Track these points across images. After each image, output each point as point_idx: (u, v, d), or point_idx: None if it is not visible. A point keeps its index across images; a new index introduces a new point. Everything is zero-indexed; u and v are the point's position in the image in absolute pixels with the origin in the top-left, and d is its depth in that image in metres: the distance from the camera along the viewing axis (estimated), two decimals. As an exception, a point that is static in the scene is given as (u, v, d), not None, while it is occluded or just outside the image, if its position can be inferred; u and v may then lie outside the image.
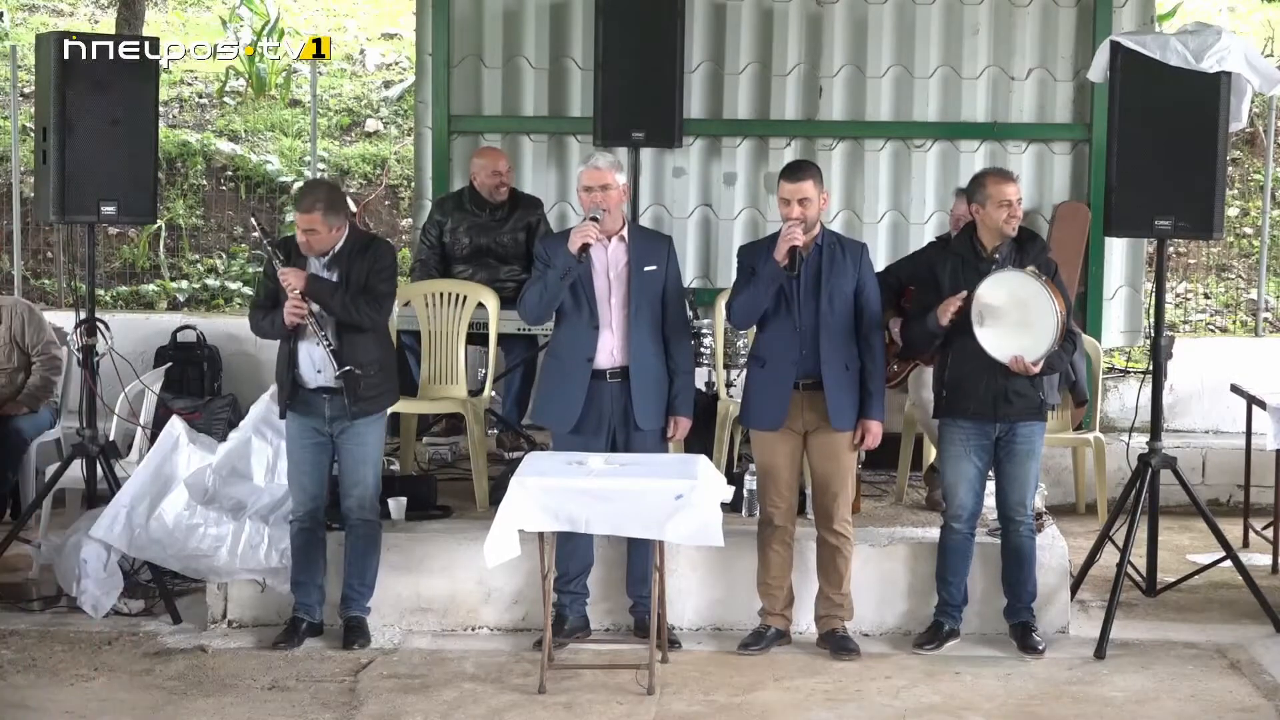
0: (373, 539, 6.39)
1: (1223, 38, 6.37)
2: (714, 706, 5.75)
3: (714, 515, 5.70)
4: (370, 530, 6.37)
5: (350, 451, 6.28)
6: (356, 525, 6.35)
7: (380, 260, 6.29)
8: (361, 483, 6.31)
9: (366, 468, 6.32)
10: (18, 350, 7.99)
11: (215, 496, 6.73)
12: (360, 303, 6.18)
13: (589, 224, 6.05)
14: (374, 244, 6.44)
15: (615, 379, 6.18)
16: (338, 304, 6.16)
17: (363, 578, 6.38)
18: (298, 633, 6.34)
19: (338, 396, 6.20)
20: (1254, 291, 10.67)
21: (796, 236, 6.02)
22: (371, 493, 6.34)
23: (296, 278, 6.13)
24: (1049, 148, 9.00)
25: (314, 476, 6.33)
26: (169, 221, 11.36)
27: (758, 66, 9.02)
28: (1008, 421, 6.19)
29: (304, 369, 6.24)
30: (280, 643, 6.29)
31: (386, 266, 6.31)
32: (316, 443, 6.29)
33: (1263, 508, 8.12)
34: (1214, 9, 13.96)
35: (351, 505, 6.33)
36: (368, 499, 6.33)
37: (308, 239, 6.18)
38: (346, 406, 6.18)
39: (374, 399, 6.27)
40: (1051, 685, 5.99)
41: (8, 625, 6.57)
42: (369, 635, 6.35)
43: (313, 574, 6.38)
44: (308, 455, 6.30)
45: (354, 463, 6.30)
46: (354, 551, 6.38)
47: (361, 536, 6.36)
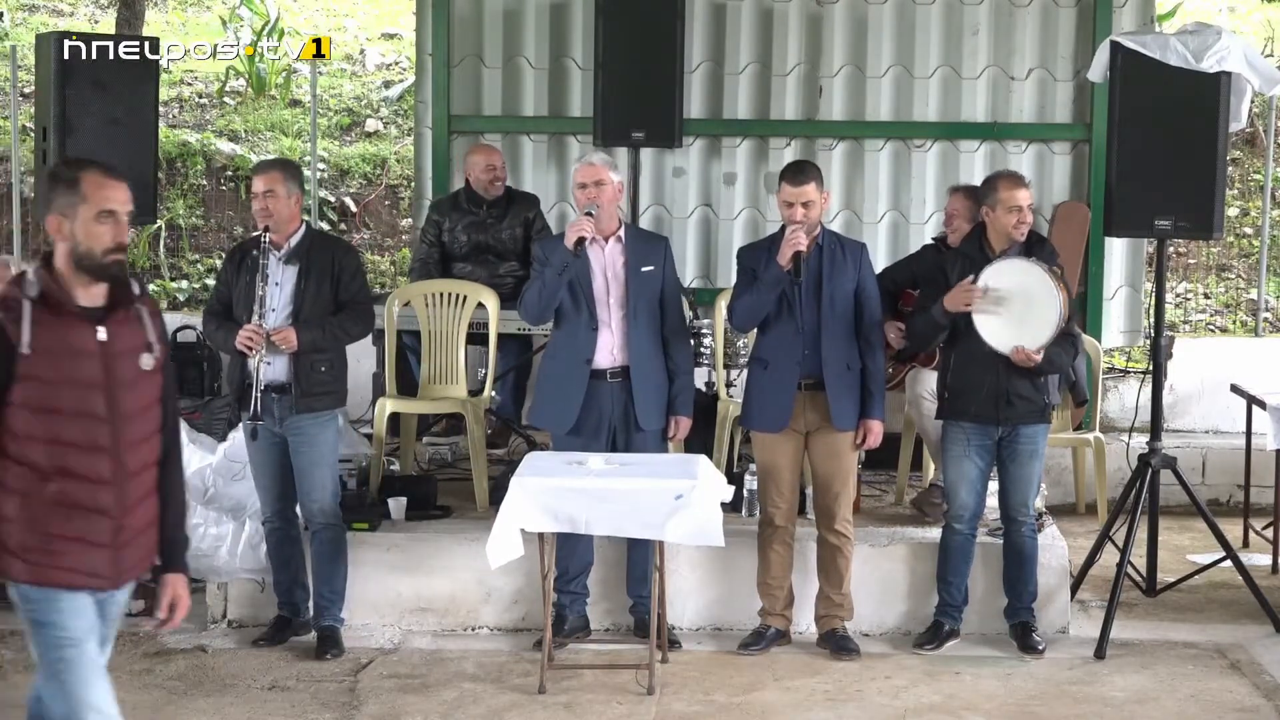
0: (338, 543, 6.32)
1: (1223, 38, 6.38)
2: (714, 706, 5.75)
3: (714, 515, 5.70)
4: (334, 534, 6.30)
5: (303, 454, 6.19)
6: (319, 531, 6.27)
7: (347, 269, 6.20)
8: (319, 487, 6.22)
9: (322, 470, 6.23)
10: None
11: (215, 496, 6.73)
12: (346, 322, 6.15)
13: (584, 219, 6.06)
14: (336, 246, 6.38)
15: (615, 379, 6.18)
16: (329, 339, 6.13)
17: (331, 584, 6.32)
18: (281, 630, 6.35)
19: (286, 395, 6.12)
20: (1254, 291, 10.67)
21: (800, 241, 6.01)
22: (330, 497, 6.26)
23: (289, 337, 6.03)
24: (1049, 148, 9.00)
25: (275, 475, 6.27)
26: (169, 221, 11.36)
27: (758, 66, 9.02)
28: (1011, 424, 6.19)
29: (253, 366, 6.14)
30: (261, 640, 6.29)
31: (355, 274, 6.24)
32: (272, 443, 6.22)
33: (1263, 508, 8.12)
34: (1214, 9, 13.96)
35: (312, 511, 6.25)
36: (328, 504, 6.25)
37: (266, 203, 6.07)
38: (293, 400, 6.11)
39: (321, 396, 6.18)
40: (1051, 685, 5.99)
41: (8, 625, 6.55)
42: (342, 646, 6.27)
43: (292, 572, 6.36)
44: (265, 455, 6.25)
45: (308, 466, 6.20)
46: (320, 559, 6.31)
47: (326, 542, 6.29)
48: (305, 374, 6.12)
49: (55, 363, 3.77)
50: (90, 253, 3.80)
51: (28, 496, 3.78)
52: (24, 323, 3.74)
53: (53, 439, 3.78)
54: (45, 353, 3.76)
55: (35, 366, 3.75)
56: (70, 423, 3.79)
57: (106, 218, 3.81)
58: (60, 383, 3.77)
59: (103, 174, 3.86)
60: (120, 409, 3.85)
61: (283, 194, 6.10)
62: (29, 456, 3.77)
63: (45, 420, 3.77)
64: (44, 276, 3.81)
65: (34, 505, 3.79)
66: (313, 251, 6.18)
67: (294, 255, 6.15)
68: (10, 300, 3.78)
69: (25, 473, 3.78)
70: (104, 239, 3.81)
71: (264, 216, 6.11)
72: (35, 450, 3.77)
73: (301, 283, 6.12)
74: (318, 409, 6.19)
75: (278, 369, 6.12)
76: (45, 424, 3.77)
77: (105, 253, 3.82)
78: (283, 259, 6.14)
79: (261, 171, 6.19)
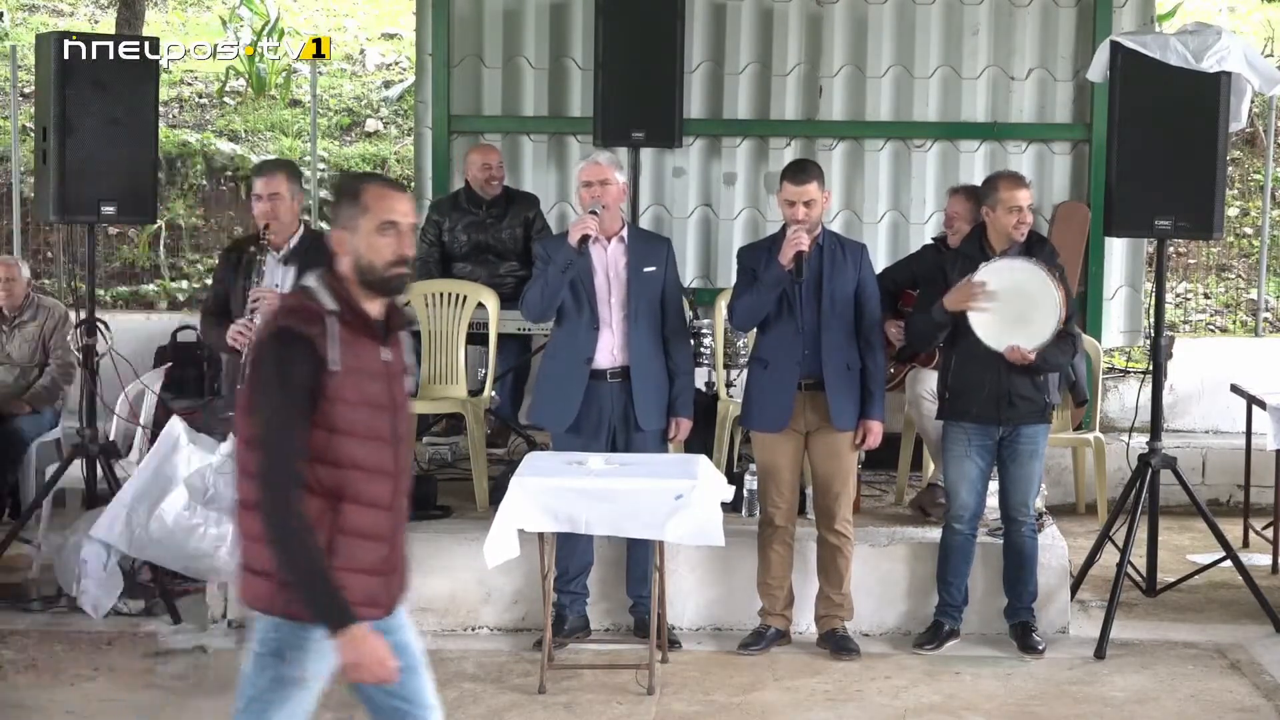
0: None
1: (1223, 38, 6.38)
2: (714, 706, 5.75)
3: (714, 515, 5.70)
4: None
5: None
6: None
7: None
8: None
9: None
10: (42, 350, 8.03)
11: (215, 496, 6.72)
12: None
13: (589, 216, 6.06)
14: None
15: (616, 379, 6.18)
16: None
17: None
18: None
19: None
20: (1254, 291, 10.67)
21: (802, 242, 6.01)
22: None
23: (271, 299, 5.95)
24: (1049, 148, 9.00)
25: None
26: (169, 221, 11.36)
27: (758, 66, 9.02)
28: (1011, 424, 6.19)
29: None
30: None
31: None
32: None
33: (1263, 508, 8.12)
34: (1214, 9, 13.97)
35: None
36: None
37: (272, 205, 6.08)
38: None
39: None
40: (1051, 685, 5.99)
41: (8, 625, 6.57)
42: None
43: None
44: None
45: None
46: None
47: None
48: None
49: (357, 383, 3.57)
50: (372, 266, 3.63)
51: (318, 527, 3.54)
52: (332, 339, 3.54)
53: (346, 463, 3.57)
54: (349, 372, 3.56)
55: (340, 387, 3.54)
56: (362, 446, 3.59)
57: (388, 229, 3.65)
58: (359, 404, 3.57)
59: (384, 185, 3.72)
60: (399, 431, 3.69)
61: (287, 196, 6.12)
62: (322, 481, 3.55)
63: (340, 443, 3.55)
64: (338, 290, 3.61)
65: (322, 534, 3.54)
66: (311, 252, 6.17)
67: (292, 256, 6.15)
68: (313, 315, 3.55)
69: (315, 500, 3.54)
70: (385, 252, 3.64)
71: (267, 218, 6.11)
72: (326, 474, 3.55)
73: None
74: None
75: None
76: (340, 447, 3.55)
77: (387, 266, 3.65)
78: (281, 259, 6.15)
79: (265, 173, 6.19)
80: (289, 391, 3.49)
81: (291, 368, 3.50)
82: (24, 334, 8.02)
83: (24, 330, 8.03)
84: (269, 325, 3.62)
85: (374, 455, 3.62)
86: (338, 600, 3.50)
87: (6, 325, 8.03)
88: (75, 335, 6.98)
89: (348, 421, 3.56)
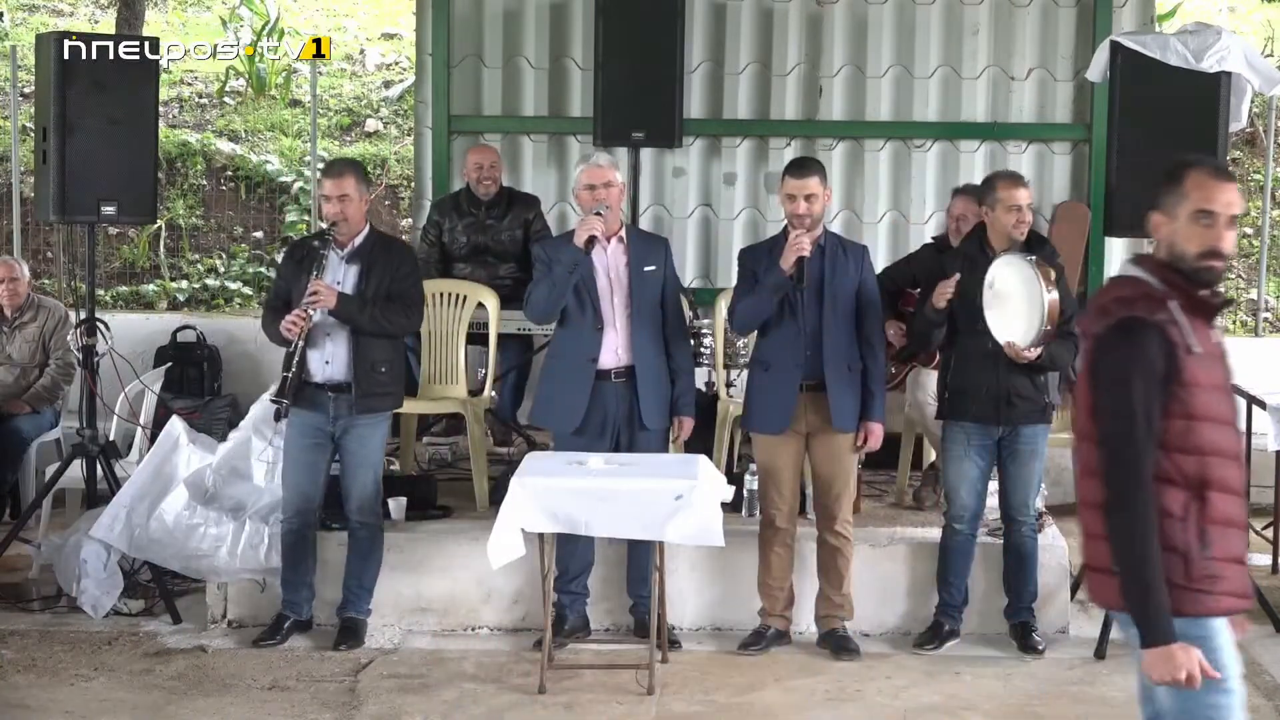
0: (374, 542, 6.38)
1: (1223, 38, 6.38)
2: (714, 706, 5.75)
3: (714, 515, 5.70)
4: (371, 534, 6.36)
5: (353, 453, 6.27)
6: (357, 529, 6.34)
7: (405, 264, 6.32)
8: (361, 486, 6.29)
9: (367, 471, 6.30)
10: (42, 350, 8.03)
11: (215, 496, 6.73)
12: (391, 311, 6.19)
13: (594, 218, 6.06)
14: (395, 245, 6.48)
15: (620, 379, 6.18)
16: (366, 319, 6.14)
17: (361, 580, 6.37)
18: (281, 629, 6.34)
19: (345, 395, 6.19)
20: (1254, 291, 10.67)
21: (804, 247, 6.00)
22: (372, 496, 6.33)
23: (329, 294, 6.08)
24: (1049, 148, 9.00)
25: (309, 476, 6.30)
26: (169, 221, 11.37)
27: (758, 66, 9.02)
28: (1011, 424, 6.19)
29: (312, 363, 6.21)
30: (263, 640, 6.29)
31: (412, 271, 6.35)
32: (316, 443, 6.27)
33: (1263, 508, 8.11)
34: (1214, 9, 13.97)
35: (352, 509, 6.32)
36: (368, 502, 6.32)
37: (341, 207, 6.15)
38: (352, 402, 6.16)
39: (381, 397, 6.26)
40: (1051, 685, 5.99)
41: (8, 625, 6.57)
42: (361, 638, 6.31)
43: (301, 573, 6.37)
44: (306, 455, 6.28)
45: (355, 465, 6.28)
46: (355, 554, 6.37)
47: (362, 540, 6.35)
48: (365, 375, 6.17)
49: (1207, 366, 3.47)
50: (1183, 255, 3.50)
51: (1185, 519, 3.46)
52: (1181, 322, 3.43)
53: (1208, 449, 3.47)
54: (1204, 355, 3.46)
55: (1196, 370, 3.43)
56: (1217, 430, 3.49)
57: (1204, 218, 3.50)
58: (1211, 387, 3.48)
59: (1208, 173, 3.56)
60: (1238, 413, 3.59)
61: (355, 197, 6.19)
62: (1184, 471, 3.45)
63: (1200, 429, 3.46)
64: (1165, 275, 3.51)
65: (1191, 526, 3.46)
66: (375, 251, 6.25)
67: (356, 255, 6.24)
68: (1155, 300, 3.46)
69: (1177, 492, 3.45)
70: (1196, 241, 3.50)
71: (335, 218, 6.18)
72: (1188, 463, 3.45)
73: (363, 282, 6.19)
74: (376, 409, 6.26)
75: (337, 368, 6.19)
76: (1200, 433, 3.46)
77: (1197, 256, 3.50)
78: (345, 258, 6.22)
79: (335, 175, 6.21)
80: (1147, 381, 3.42)
81: (1147, 357, 3.42)
82: (24, 334, 8.03)
83: (24, 330, 8.04)
84: (1104, 318, 3.51)
85: (1227, 439, 3.53)
86: (1164, 616, 3.43)
87: (7, 325, 8.04)
88: (75, 335, 6.97)
89: (1205, 406, 3.46)
